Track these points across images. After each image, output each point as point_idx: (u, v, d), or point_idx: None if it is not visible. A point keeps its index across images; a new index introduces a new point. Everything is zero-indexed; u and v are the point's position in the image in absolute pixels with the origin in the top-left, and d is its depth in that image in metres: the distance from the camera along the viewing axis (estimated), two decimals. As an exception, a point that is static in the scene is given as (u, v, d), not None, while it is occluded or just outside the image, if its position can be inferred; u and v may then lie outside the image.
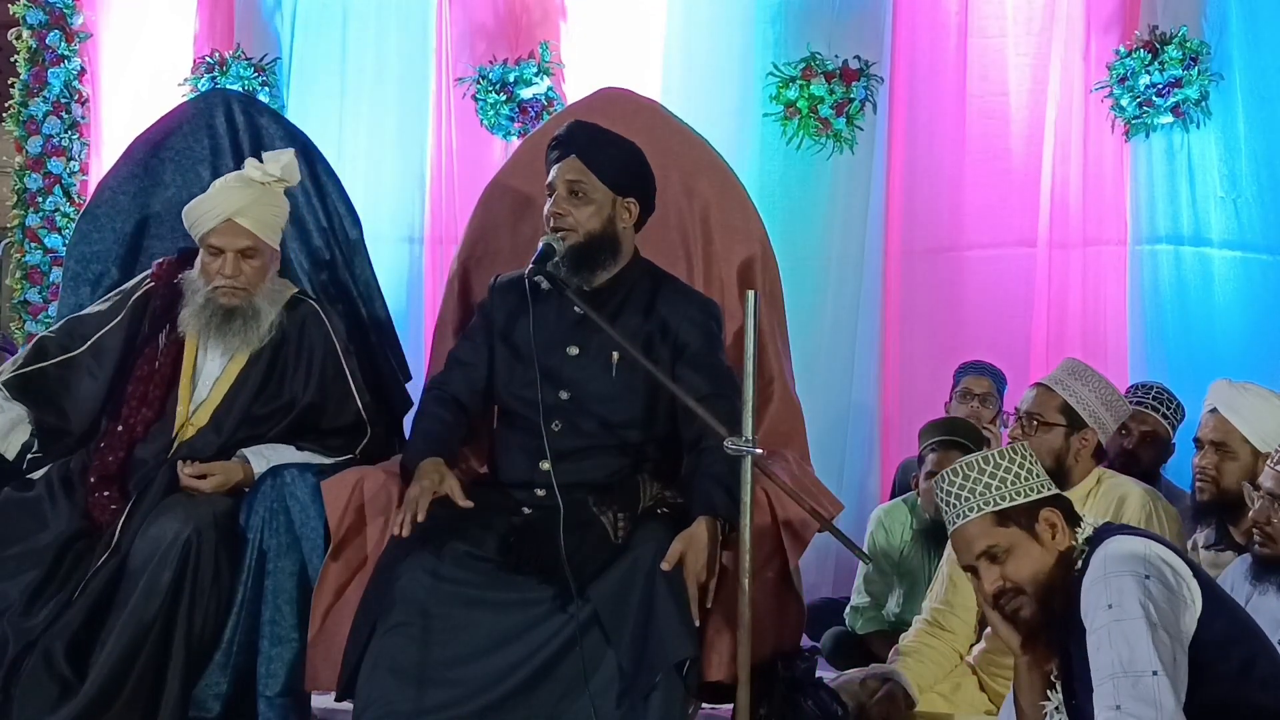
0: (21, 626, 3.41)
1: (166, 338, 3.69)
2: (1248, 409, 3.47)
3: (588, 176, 3.40)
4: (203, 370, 3.70)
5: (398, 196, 5.94)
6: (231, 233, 3.62)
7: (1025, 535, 2.73)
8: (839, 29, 5.75)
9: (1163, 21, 5.48)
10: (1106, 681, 2.54)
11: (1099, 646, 2.57)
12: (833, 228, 5.74)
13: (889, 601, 4.57)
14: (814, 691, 3.35)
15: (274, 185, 3.71)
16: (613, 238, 3.43)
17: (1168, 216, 5.48)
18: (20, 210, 6.23)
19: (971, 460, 2.79)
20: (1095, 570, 2.64)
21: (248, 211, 3.63)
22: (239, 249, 3.63)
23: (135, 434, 3.63)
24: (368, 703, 3.13)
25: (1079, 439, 3.55)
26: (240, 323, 3.64)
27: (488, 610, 3.20)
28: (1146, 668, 2.50)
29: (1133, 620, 2.54)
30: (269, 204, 3.69)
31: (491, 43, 5.98)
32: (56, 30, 6.18)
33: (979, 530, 2.75)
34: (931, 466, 4.36)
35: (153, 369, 3.67)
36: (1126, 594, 2.56)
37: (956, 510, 2.77)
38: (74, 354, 3.74)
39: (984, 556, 2.75)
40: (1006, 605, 2.75)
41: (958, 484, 2.77)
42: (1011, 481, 2.75)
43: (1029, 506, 2.75)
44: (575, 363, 3.44)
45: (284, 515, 3.48)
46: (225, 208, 3.62)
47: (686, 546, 3.14)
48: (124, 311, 3.77)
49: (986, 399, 5.09)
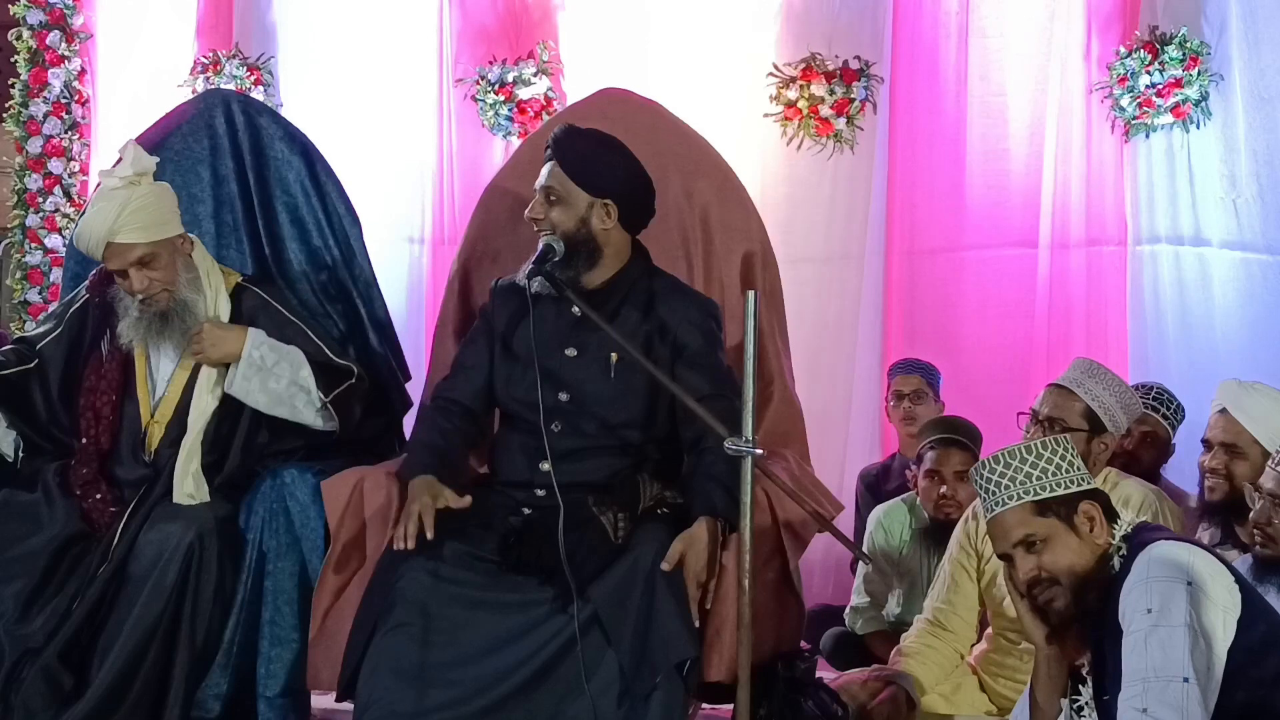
0: (18, 634, 3.41)
1: (110, 345, 3.68)
2: (1256, 409, 3.46)
3: (562, 180, 3.43)
4: (158, 369, 3.69)
5: (398, 197, 5.94)
6: (119, 253, 3.56)
7: (1063, 526, 2.72)
8: (839, 29, 5.75)
9: (1163, 22, 5.48)
10: (1137, 683, 2.53)
11: (1134, 649, 2.56)
12: (833, 228, 5.74)
13: (889, 602, 4.57)
14: (814, 692, 3.35)
15: (138, 182, 3.62)
16: (588, 239, 3.43)
17: (1168, 217, 5.48)
18: (20, 210, 6.23)
19: (1014, 449, 2.78)
20: (1138, 573, 2.63)
21: (121, 226, 3.54)
22: (133, 261, 3.57)
23: (101, 445, 3.63)
24: (368, 703, 3.13)
25: (1099, 443, 3.52)
26: (176, 321, 3.60)
27: (488, 611, 3.20)
28: (1178, 674, 2.50)
29: (1172, 627, 2.54)
30: (140, 206, 3.58)
31: (491, 43, 5.98)
32: (56, 30, 6.18)
33: (1017, 519, 2.74)
34: (931, 465, 4.35)
35: (98, 379, 3.67)
36: (1168, 600, 2.56)
37: (995, 498, 2.76)
38: (29, 366, 3.72)
39: (1021, 545, 2.73)
40: (1040, 595, 2.73)
41: (999, 471, 2.76)
42: (1053, 472, 2.74)
43: (1069, 498, 2.74)
44: (574, 364, 3.45)
45: (284, 516, 3.48)
46: (99, 232, 3.55)
47: (687, 547, 3.15)
48: (62, 325, 3.76)
49: (917, 396, 5.10)
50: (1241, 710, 2.56)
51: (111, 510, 3.55)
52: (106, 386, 3.66)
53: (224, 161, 4.03)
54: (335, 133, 5.54)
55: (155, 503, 3.53)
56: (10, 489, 3.62)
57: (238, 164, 4.03)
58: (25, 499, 3.59)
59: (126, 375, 3.67)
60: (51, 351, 3.74)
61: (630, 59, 5.78)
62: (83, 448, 3.63)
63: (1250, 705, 2.57)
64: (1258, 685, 2.57)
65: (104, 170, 3.69)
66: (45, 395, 3.72)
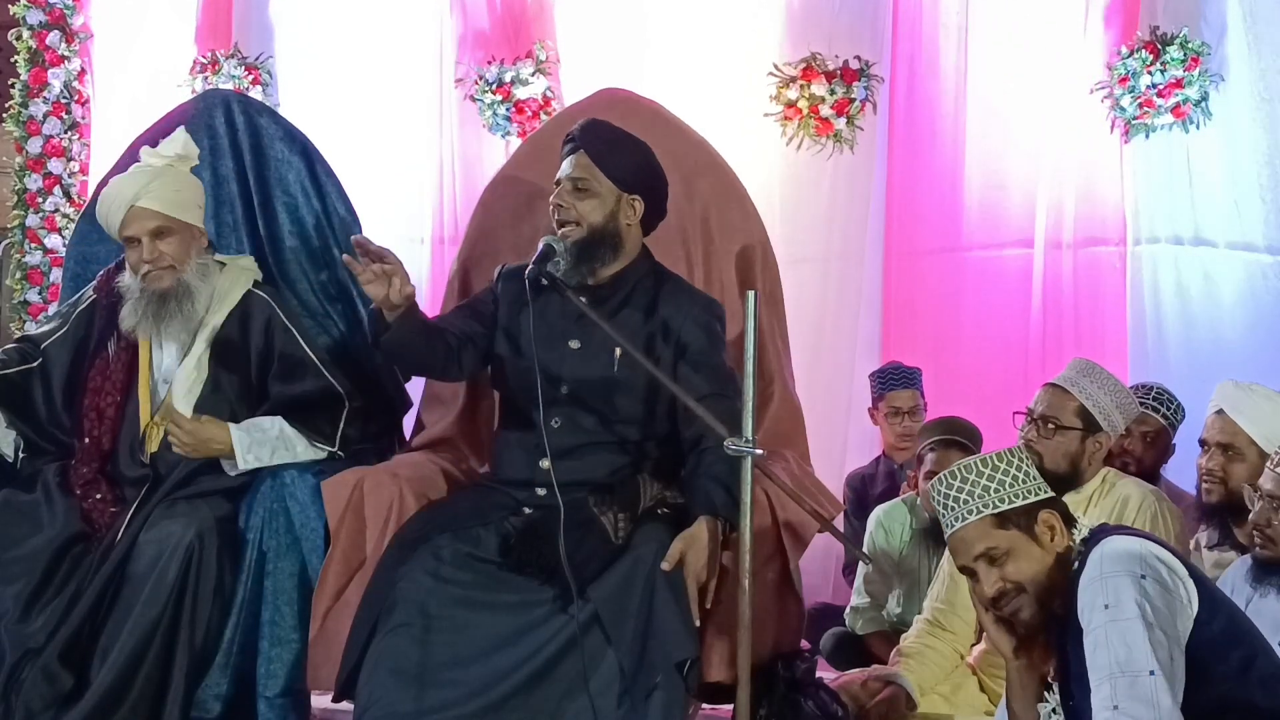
0: (19, 633, 3.41)
1: (116, 345, 3.68)
2: (1253, 410, 3.46)
3: (593, 172, 3.42)
4: (160, 368, 3.69)
5: (397, 197, 5.94)
6: (139, 218, 3.60)
7: (1025, 537, 2.73)
8: (839, 29, 5.75)
9: (1163, 22, 5.48)
10: (1105, 682, 2.54)
11: (1096, 646, 2.57)
12: (832, 228, 5.74)
13: (889, 601, 4.57)
14: (814, 692, 3.35)
15: (176, 165, 3.67)
16: (615, 233, 3.44)
17: (1167, 217, 5.47)
18: (20, 210, 6.23)
19: (969, 463, 2.80)
20: (1091, 570, 2.64)
21: (148, 192, 3.59)
22: (150, 230, 3.59)
23: (103, 445, 3.63)
24: (369, 703, 3.13)
25: (1094, 442, 3.53)
26: (174, 304, 3.60)
27: (489, 612, 3.20)
28: (1144, 667, 2.51)
29: (1129, 620, 2.54)
30: (172, 183, 3.63)
31: (489, 43, 5.98)
32: (56, 30, 6.19)
33: (978, 533, 2.75)
34: (931, 466, 4.36)
35: (104, 379, 3.67)
36: (1123, 593, 2.57)
37: (955, 513, 2.77)
38: (32, 365, 3.73)
39: (983, 558, 2.75)
40: (1006, 606, 2.75)
41: (955, 486, 2.77)
42: (1010, 484, 2.75)
43: (1028, 509, 2.75)
44: (577, 356, 3.44)
45: (284, 516, 3.48)
46: (126, 196, 3.60)
47: (687, 547, 3.15)
48: (69, 324, 3.77)
49: (914, 411, 5.08)
50: (1213, 705, 2.57)
51: (112, 510, 3.55)
52: (110, 386, 3.66)
53: (224, 161, 4.04)
54: (334, 133, 5.54)
55: (156, 503, 3.53)
56: (10, 489, 3.62)
57: (238, 164, 4.03)
58: (25, 499, 3.59)
59: (130, 376, 3.67)
60: (56, 351, 3.74)
61: (629, 59, 5.78)
62: (84, 447, 3.63)
63: (1223, 700, 2.58)
64: (1224, 679, 2.58)
65: (147, 148, 3.72)
66: (47, 395, 3.72)
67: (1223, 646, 2.60)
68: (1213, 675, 2.58)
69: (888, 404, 5.13)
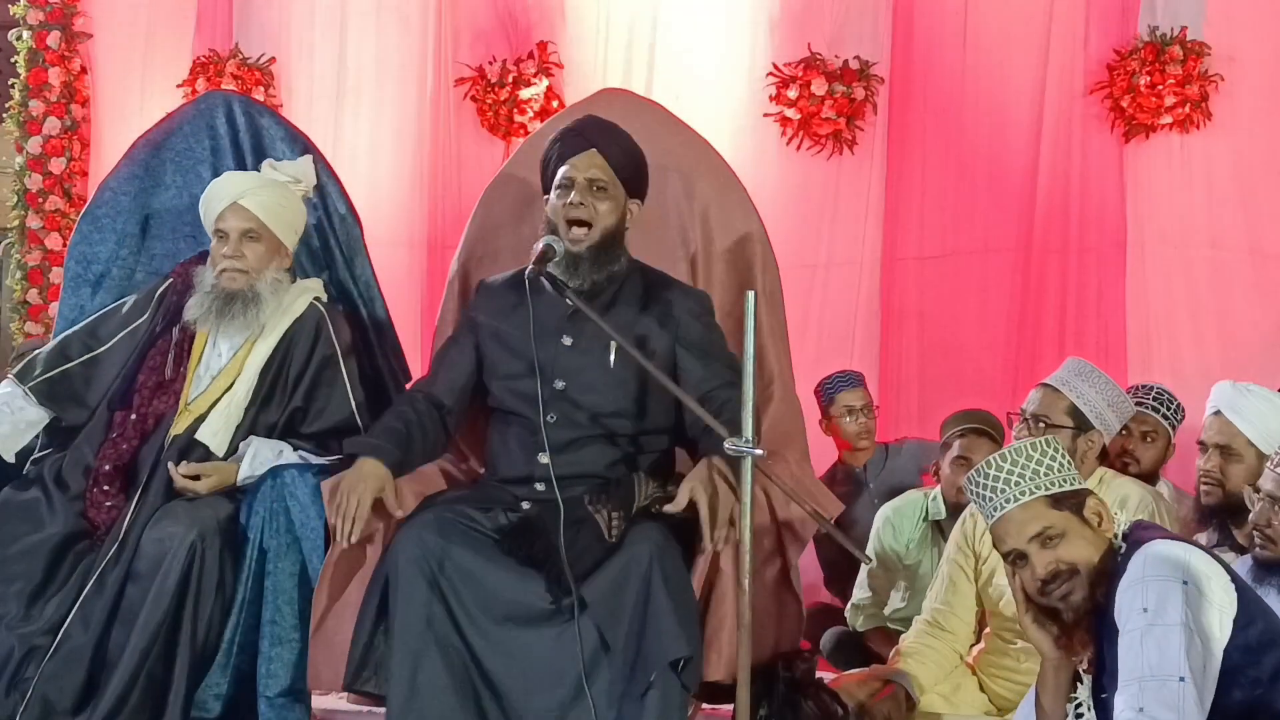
0: (21, 632, 3.42)
1: (179, 332, 3.73)
2: (1251, 411, 3.46)
3: (609, 174, 3.43)
4: (208, 363, 3.71)
5: (397, 197, 5.95)
6: (236, 215, 3.70)
7: (1077, 520, 2.74)
8: (839, 29, 5.76)
9: (1163, 22, 5.49)
10: (1133, 683, 2.54)
11: (1130, 648, 2.57)
12: (833, 228, 5.74)
13: (893, 598, 4.57)
14: (814, 692, 3.36)
15: (290, 184, 3.81)
16: (621, 236, 3.46)
17: (1167, 218, 5.48)
18: (20, 210, 6.24)
19: (1018, 447, 2.80)
20: (1134, 572, 2.64)
21: (253, 195, 3.71)
22: (242, 230, 3.69)
23: (146, 425, 3.65)
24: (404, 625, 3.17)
25: (1086, 440, 3.54)
26: (240, 305, 3.67)
27: (497, 566, 3.20)
28: (1175, 673, 2.52)
29: (1167, 626, 2.55)
30: (279, 196, 3.76)
31: (490, 43, 5.98)
32: (56, 30, 6.19)
33: (1032, 514, 2.74)
34: (960, 452, 4.38)
35: (163, 361, 3.70)
36: (1164, 599, 2.57)
37: (1005, 495, 2.76)
38: (97, 352, 3.79)
39: (1036, 540, 2.73)
40: (1056, 590, 2.73)
41: (1005, 469, 2.77)
42: (1056, 469, 2.76)
43: (1077, 493, 2.76)
44: (570, 352, 3.45)
45: (284, 515, 3.48)
46: (232, 191, 3.72)
47: (693, 485, 3.14)
48: (148, 310, 3.82)
49: (866, 409, 5.06)
50: (1240, 709, 2.57)
51: (108, 505, 3.55)
52: (163, 364, 3.70)
53: (225, 162, 4.04)
54: (334, 133, 5.55)
55: (156, 502, 3.53)
56: (8, 488, 3.62)
57: (239, 165, 4.03)
58: (24, 498, 3.59)
59: (183, 363, 3.72)
60: (132, 339, 3.78)
61: (629, 59, 5.78)
62: (130, 423, 3.63)
63: (1248, 704, 2.58)
64: (1255, 684, 2.58)
65: (271, 160, 3.88)
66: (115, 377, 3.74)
67: (1258, 651, 2.60)
68: (1244, 679, 2.58)
69: (841, 405, 5.04)
